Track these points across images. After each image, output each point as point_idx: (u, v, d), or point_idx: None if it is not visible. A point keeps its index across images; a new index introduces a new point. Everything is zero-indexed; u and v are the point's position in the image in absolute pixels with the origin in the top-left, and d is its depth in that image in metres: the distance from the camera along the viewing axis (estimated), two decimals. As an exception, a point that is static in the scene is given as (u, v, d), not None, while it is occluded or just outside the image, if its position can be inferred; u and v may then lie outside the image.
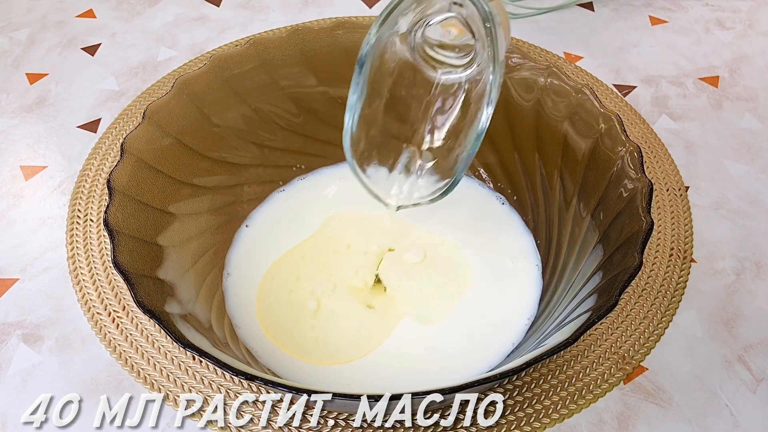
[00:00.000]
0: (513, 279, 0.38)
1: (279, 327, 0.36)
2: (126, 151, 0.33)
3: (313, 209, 0.42)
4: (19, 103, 0.51)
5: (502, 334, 0.35)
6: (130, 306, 0.38)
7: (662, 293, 0.38)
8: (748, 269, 0.40)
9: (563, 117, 0.36)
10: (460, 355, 0.35)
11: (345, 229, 0.41)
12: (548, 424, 0.33)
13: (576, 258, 0.35)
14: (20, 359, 0.36)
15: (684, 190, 0.44)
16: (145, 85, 0.52)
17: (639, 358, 0.36)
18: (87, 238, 0.41)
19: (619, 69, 0.54)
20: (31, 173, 0.46)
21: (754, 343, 0.37)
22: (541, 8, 0.59)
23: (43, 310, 0.39)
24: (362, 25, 0.40)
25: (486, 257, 0.39)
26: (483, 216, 0.41)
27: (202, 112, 0.38)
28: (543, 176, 0.39)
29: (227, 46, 0.55)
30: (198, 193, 0.38)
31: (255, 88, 0.39)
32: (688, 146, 0.47)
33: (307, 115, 0.42)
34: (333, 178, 0.44)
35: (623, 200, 0.31)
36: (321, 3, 0.61)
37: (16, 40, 0.57)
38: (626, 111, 0.49)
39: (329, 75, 0.41)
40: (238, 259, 0.39)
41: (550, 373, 0.35)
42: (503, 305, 0.37)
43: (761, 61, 0.55)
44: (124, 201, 0.32)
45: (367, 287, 0.38)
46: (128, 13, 0.60)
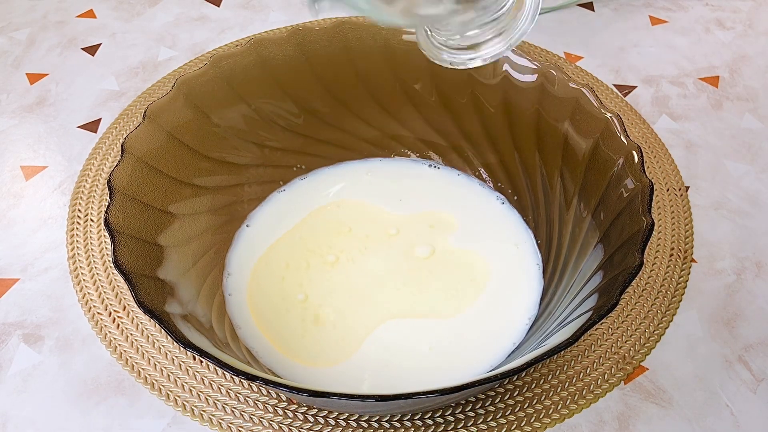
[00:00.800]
0: (513, 279, 0.38)
1: (270, 314, 0.36)
2: (126, 151, 0.33)
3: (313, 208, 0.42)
4: (19, 103, 0.51)
5: (503, 334, 0.36)
6: (130, 306, 0.38)
7: (662, 293, 0.38)
8: (748, 269, 0.40)
9: (564, 117, 0.36)
10: (460, 354, 0.35)
11: (348, 214, 0.41)
12: (548, 424, 0.33)
13: (576, 258, 0.35)
14: (20, 359, 0.37)
15: (684, 190, 0.44)
16: (146, 85, 0.52)
17: (639, 358, 0.36)
18: (87, 238, 0.41)
19: (619, 69, 0.54)
20: (32, 173, 0.46)
21: (754, 343, 0.37)
22: (541, 8, 0.59)
23: (43, 310, 0.39)
24: (363, 25, 0.40)
25: (486, 257, 0.39)
26: (483, 216, 0.41)
27: (202, 112, 0.38)
28: (543, 176, 0.39)
29: (227, 46, 0.55)
30: (198, 193, 0.38)
31: (255, 88, 0.39)
32: (689, 146, 0.48)
33: (308, 115, 0.42)
34: (335, 178, 0.44)
35: (623, 200, 0.31)
36: (321, 3, 0.61)
37: (16, 40, 0.57)
38: (626, 111, 0.49)
39: (330, 75, 0.41)
40: (238, 259, 0.39)
41: (550, 373, 0.35)
42: (504, 305, 0.37)
43: (761, 61, 0.55)
44: (125, 201, 0.32)
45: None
46: (128, 13, 0.60)
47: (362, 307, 0.37)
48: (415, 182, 0.43)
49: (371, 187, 0.43)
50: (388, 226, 0.41)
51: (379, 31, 0.40)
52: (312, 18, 0.29)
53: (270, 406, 0.34)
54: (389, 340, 0.35)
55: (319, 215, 0.42)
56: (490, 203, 0.42)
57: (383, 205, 0.42)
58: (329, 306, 0.37)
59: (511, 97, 0.38)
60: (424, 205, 0.42)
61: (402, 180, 0.43)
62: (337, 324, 0.36)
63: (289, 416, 0.34)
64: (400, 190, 0.43)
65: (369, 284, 0.38)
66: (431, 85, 0.41)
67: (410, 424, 0.33)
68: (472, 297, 0.37)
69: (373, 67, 0.41)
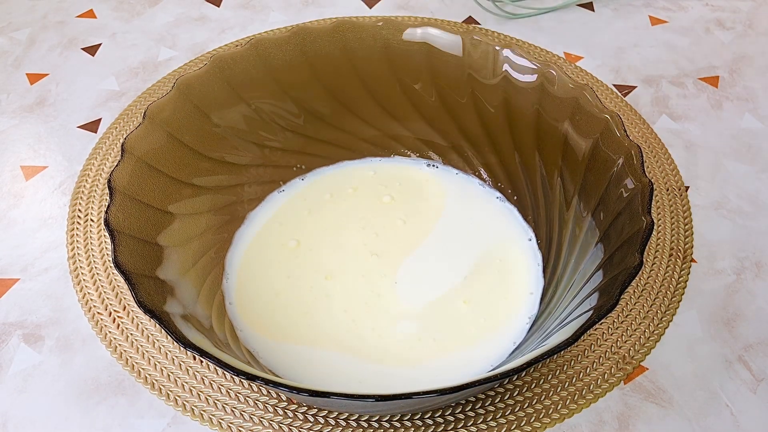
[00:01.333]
0: (514, 278, 0.38)
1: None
2: (126, 151, 0.33)
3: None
4: (20, 103, 0.51)
5: (504, 333, 0.36)
6: (130, 306, 0.38)
7: (662, 293, 0.38)
8: (748, 269, 0.40)
9: (564, 117, 0.36)
10: (461, 354, 0.35)
11: (348, 213, 0.41)
12: (548, 424, 0.33)
13: (576, 257, 0.35)
14: (21, 359, 0.37)
15: (684, 190, 0.44)
16: (146, 85, 0.52)
17: (639, 358, 0.36)
18: (87, 238, 0.41)
19: (619, 69, 0.54)
20: (32, 173, 0.46)
21: (754, 343, 0.37)
22: (541, 8, 0.59)
23: (43, 310, 0.39)
24: (363, 25, 0.40)
25: (486, 256, 0.39)
26: (483, 215, 0.41)
27: (202, 112, 0.38)
28: (543, 176, 0.39)
29: (227, 46, 0.55)
30: (198, 193, 0.38)
31: (255, 88, 0.39)
32: (688, 146, 0.48)
33: (308, 115, 0.42)
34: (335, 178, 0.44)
35: (623, 200, 0.31)
36: (321, 3, 0.61)
37: (16, 40, 0.57)
38: (626, 111, 0.49)
39: (330, 75, 0.41)
40: (238, 259, 0.39)
41: (550, 373, 0.35)
42: (504, 304, 0.37)
43: (761, 61, 0.55)
44: (125, 201, 0.32)
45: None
46: (128, 13, 0.60)
47: (366, 306, 0.37)
48: (414, 181, 0.43)
49: (371, 188, 0.43)
50: (387, 228, 0.41)
51: (379, 31, 0.40)
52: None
53: (270, 406, 0.34)
54: (390, 339, 0.35)
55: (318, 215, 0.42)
56: (490, 202, 0.42)
57: (381, 205, 0.42)
58: (328, 303, 0.37)
59: (511, 97, 0.38)
60: (426, 205, 0.42)
61: (401, 180, 0.43)
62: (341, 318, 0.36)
63: (289, 416, 0.34)
64: (400, 190, 0.43)
65: (369, 281, 0.38)
66: (431, 85, 0.41)
67: (410, 424, 0.33)
68: (473, 298, 0.37)
69: (373, 67, 0.41)
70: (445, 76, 0.40)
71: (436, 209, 0.42)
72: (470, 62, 0.39)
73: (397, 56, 0.40)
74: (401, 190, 0.43)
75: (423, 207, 0.42)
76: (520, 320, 0.36)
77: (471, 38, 0.38)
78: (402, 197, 0.42)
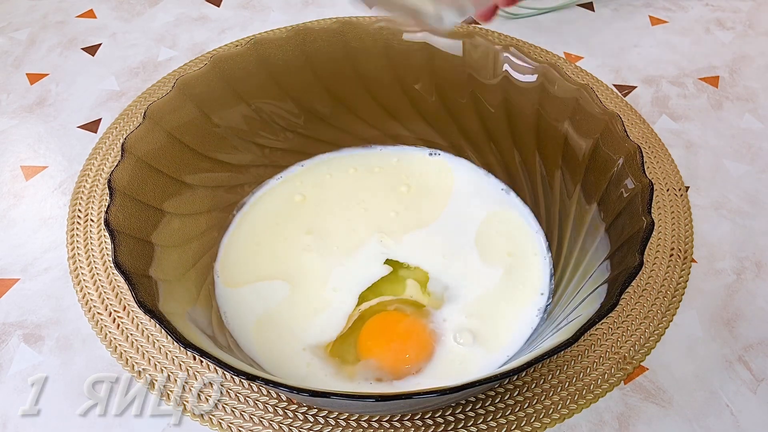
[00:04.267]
0: (516, 279, 0.38)
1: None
2: (126, 151, 0.33)
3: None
4: (20, 103, 0.51)
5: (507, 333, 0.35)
6: (130, 306, 0.38)
7: (662, 293, 0.38)
8: (748, 269, 0.40)
9: (564, 117, 0.36)
10: (462, 354, 0.35)
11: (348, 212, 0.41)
12: (548, 424, 0.33)
13: (577, 257, 0.35)
14: (21, 359, 0.37)
15: (684, 190, 0.44)
16: (146, 85, 0.52)
17: (639, 358, 0.36)
18: (87, 238, 0.41)
19: (619, 69, 0.54)
20: (32, 173, 0.46)
21: (754, 343, 0.37)
22: (541, 8, 0.59)
23: (43, 310, 0.39)
24: (363, 25, 0.40)
25: (487, 256, 0.39)
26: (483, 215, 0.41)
27: (202, 112, 0.38)
28: (543, 176, 0.39)
29: (227, 46, 0.55)
30: (198, 193, 0.38)
31: (255, 88, 0.39)
32: (688, 146, 0.48)
33: (308, 115, 0.42)
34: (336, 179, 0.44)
35: (624, 200, 0.31)
36: (321, 3, 0.61)
37: (16, 40, 0.57)
38: (626, 111, 0.49)
39: (330, 75, 0.41)
40: (237, 260, 0.39)
41: (550, 373, 0.35)
42: (507, 304, 0.37)
43: (761, 61, 0.55)
44: (125, 201, 0.32)
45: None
46: (128, 13, 0.60)
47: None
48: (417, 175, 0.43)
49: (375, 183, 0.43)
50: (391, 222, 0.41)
51: (380, 31, 0.40)
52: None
53: (270, 406, 0.34)
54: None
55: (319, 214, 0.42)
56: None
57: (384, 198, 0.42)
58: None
59: (511, 97, 0.38)
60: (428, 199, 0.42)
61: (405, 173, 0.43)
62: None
63: (289, 416, 0.34)
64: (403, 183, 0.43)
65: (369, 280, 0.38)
66: (431, 85, 0.41)
67: (410, 424, 0.33)
68: (473, 298, 0.37)
69: (373, 67, 0.41)
70: (446, 76, 0.40)
71: (439, 209, 0.42)
72: (470, 62, 0.39)
73: (398, 56, 0.40)
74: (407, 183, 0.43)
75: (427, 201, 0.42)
76: (523, 321, 0.36)
77: (471, 38, 0.38)
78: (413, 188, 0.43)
